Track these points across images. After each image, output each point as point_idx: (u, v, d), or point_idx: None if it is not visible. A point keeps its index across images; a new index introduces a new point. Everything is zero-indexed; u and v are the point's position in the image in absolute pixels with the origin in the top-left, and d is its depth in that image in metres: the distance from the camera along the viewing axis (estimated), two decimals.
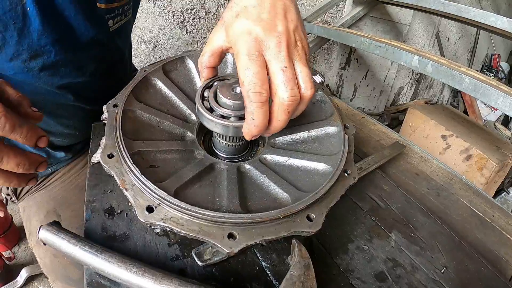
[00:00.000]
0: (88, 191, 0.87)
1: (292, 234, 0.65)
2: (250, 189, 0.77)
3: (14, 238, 2.43)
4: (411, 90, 4.98)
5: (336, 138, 0.87)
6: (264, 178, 0.78)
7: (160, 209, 0.64)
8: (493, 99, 1.53)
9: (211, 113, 0.74)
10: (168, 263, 0.73)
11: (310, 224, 0.66)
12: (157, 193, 0.64)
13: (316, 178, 0.78)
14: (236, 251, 0.60)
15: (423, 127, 3.43)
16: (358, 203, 0.93)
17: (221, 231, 0.62)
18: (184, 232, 0.62)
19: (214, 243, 0.61)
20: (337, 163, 0.77)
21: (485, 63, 5.70)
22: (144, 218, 0.62)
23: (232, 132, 0.73)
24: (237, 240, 0.61)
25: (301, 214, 0.67)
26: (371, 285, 0.74)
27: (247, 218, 0.63)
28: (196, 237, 0.62)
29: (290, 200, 0.72)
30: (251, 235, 0.63)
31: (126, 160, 0.69)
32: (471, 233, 0.91)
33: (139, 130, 0.82)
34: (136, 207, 0.64)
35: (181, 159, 0.81)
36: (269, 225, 0.65)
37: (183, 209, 0.63)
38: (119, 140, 0.73)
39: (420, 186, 1.04)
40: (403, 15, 3.76)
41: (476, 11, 2.13)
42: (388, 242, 0.84)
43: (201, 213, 0.62)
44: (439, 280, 0.77)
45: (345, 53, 3.75)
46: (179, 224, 0.63)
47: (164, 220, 0.63)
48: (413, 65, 1.90)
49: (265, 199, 0.74)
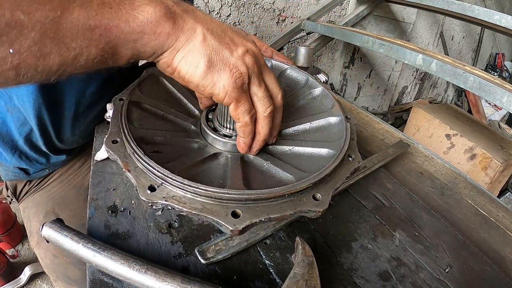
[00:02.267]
0: (91, 189, 0.87)
1: (298, 212, 0.64)
2: (254, 173, 0.77)
3: (18, 236, 2.44)
4: (415, 89, 4.97)
5: (338, 127, 0.88)
6: (268, 164, 0.78)
7: (162, 188, 0.64)
8: (497, 98, 1.52)
9: (215, 132, 0.83)
10: (171, 261, 0.72)
11: (316, 203, 0.66)
12: (160, 171, 0.64)
13: (320, 162, 0.78)
14: (240, 228, 0.59)
15: (427, 126, 3.42)
16: (362, 201, 0.93)
17: (224, 209, 0.62)
18: (186, 210, 0.61)
19: (218, 221, 0.60)
20: (340, 147, 0.78)
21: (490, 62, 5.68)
22: (146, 197, 0.62)
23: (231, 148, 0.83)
24: (241, 218, 0.60)
25: (307, 193, 0.67)
26: (375, 284, 0.73)
27: (251, 194, 0.62)
28: (199, 215, 0.61)
29: (295, 180, 0.72)
30: (255, 212, 0.62)
31: (130, 143, 0.69)
32: (476, 232, 0.90)
33: (144, 120, 0.82)
34: (138, 187, 0.63)
35: (185, 147, 0.81)
36: (274, 203, 0.64)
37: (185, 186, 0.62)
38: (123, 125, 0.73)
39: (424, 185, 1.03)
40: (407, 13, 3.76)
41: (480, 9, 2.12)
42: (392, 241, 0.84)
43: (204, 189, 0.61)
44: (443, 279, 0.77)
45: (349, 52, 3.75)
46: (181, 202, 0.62)
47: (166, 199, 0.62)
48: (417, 63, 1.90)
49: (269, 182, 0.74)
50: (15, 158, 1.10)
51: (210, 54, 0.65)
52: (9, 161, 1.12)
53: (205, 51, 0.64)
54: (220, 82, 0.66)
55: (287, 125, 0.91)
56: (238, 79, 0.66)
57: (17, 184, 1.22)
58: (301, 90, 1.00)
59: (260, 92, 0.71)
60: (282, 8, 3.12)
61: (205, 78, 0.65)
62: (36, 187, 1.23)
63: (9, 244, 2.34)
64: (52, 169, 1.23)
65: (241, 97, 0.68)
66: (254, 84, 0.70)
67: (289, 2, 3.13)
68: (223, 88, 0.66)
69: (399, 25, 3.83)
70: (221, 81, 0.65)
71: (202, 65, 0.64)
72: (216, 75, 0.65)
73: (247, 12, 2.95)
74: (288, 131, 0.90)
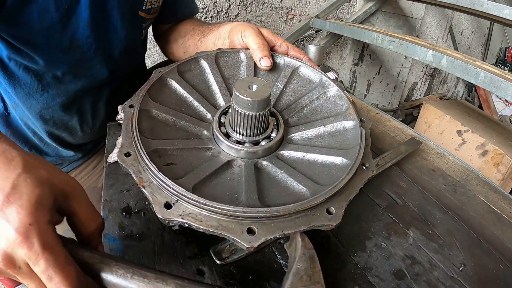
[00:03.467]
0: (104, 190, 0.88)
1: (312, 227, 0.65)
2: (268, 184, 0.77)
3: None
4: (425, 85, 4.94)
5: (353, 132, 0.87)
6: (282, 174, 0.78)
7: (178, 206, 0.64)
8: (509, 93, 1.51)
9: (228, 139, 0.83)
10: (185, 261, 0.73)
11: (330, 217, 0.66)
12: (175, 189, 0.64)
13: (334, 172, 0.78)
14: (255, 245, 0.60)
15: (438, 123, 3.40)
16: (375, 200, 0.93)
17: (240, 226, 0.62)
18: (203, 228, 0.62)
19: (234, 238, 0.61)
20: (355, 156, 0.77)
21: (499, 57, 5.62)
22: (162, 215, 0.62)
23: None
24: (256, 235, 0.61)
25: (320, 207, 0.67)
26: (390, 283, 0.73)
27: (266, 212, 0.63)
28: (215, 232, 0.62)
29: (308, 194, 0.72)
30: (270, 229, 0.62)
31: (143, 157, 0.69)
32: (488, 230, 0.90)
33: (155, 129, 0.82)
34: (154, 204, 0.64)
35: (198, 156, 0.81)
36: (288, 219, 0.64)
37: (201, 205, 0.63)
38: (135, 138, 0.74)
39: (437, 183, 1.03)
40: (416, 9, 3.73)
41: (490, 3, 2.10)
42: (406, 239, 0.84)
43: (219, 208, 0.62)
44: (457, 277, 0.76)
45: (358, 49, 3.73)
46: (197, 220, 0.63)
47: (182, 216, 0.63)
48: (427, 59, 1.89)
49: (283, 194, 0.74)
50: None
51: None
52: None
53: None
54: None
55: (300, 129, 0.90)
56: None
57: None
58: (315, 90, 0.99)
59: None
60: (290, 6, 3.12)
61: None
62: None
63: None
64: (65, 170, 1.24)
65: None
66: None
67: (297, 0, 3.13)
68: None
69: (407, 21, 3.81)
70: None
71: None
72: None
73: (255, 11, 2.95)
74: (301, 135, 0.90)
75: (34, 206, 0.50)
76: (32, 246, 0.48)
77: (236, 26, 1.08)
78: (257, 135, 0.84)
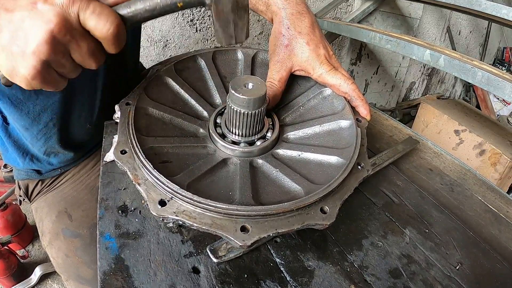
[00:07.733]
0: (101, 189, 0.88)
1: (305, 226, 0.65)
2: (263, 183, 0.77)
3: (28, 236, 2.46)
4: (423, 85, 4.94)
5: (349, 132, 0.87)
6: (277, 172, 0.78)
7: (172, 203, 0.64)
8: (506, 93, 1.51)
9: (224, 139, 0.84)
10: (181, 260, 0.73)
11: (324, 216, 0.66)
12: (170, 186, 0.64)
13: (329, 171, 0.78)
14: (249, 243, 0.60)
15: (435, 122, 3.40)
16: (372, 198, 0.93)
17: (233, 224, 0.62)
18: (196, 225, 0.62)
19: (227, 236, 0.61)
20: (350, 156, 0.77)
21: (497, 57, 5.62)
22: (156, 212, 0.63)
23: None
24: (250, 233, 0.61)
25: (314, 206, 0.67)
26: (386, 281, 0.73)
27: (260, 210, 0.63)
28: (208, 230, 0.62)
29: (303, 193, 0.72)
30: (264, 227, 0.63)
31: (138, 155, 0.69)
32: (486, 229, 0.90)
33: (151, 127, 0.82)
34: (149, 201, 0.64)
35: (194, 154, 0.81)
36: (282, 217, 0.65)
37: (195, 202, 0.63)
38: (131, 136, 0.74)
39: (434, 182, 1.03)
40: (414, 9, 3.73)
41: (487, 3, 2.09)
42: (403, 238, 0.83)
43: (213, 206, 0.62)
44: (454, 276, 0.76)
45: (355, 48, 3.72)
46: (191, 217, 0.63)
47: (176, 214, 0.63)
48: (425, 59, 1.89)
49: (278, 193, 0.74)
50: (26, 162, 1.12)
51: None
52: (21, 165, 1.15)
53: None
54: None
55: (296, 128, 0.90)
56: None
57: (29, 183, 1.23)
58: (312, 89, 0.99)
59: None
60: None
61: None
62: (48, 187, 1.24)
63: (19, 245, 2.35)
64: (64, 169, 1.24)
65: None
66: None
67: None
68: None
69: (405, 20, 3.80)
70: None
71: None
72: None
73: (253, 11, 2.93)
74: (297, 134, 0.90)
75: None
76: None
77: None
78: (252, 135, 0.83)
